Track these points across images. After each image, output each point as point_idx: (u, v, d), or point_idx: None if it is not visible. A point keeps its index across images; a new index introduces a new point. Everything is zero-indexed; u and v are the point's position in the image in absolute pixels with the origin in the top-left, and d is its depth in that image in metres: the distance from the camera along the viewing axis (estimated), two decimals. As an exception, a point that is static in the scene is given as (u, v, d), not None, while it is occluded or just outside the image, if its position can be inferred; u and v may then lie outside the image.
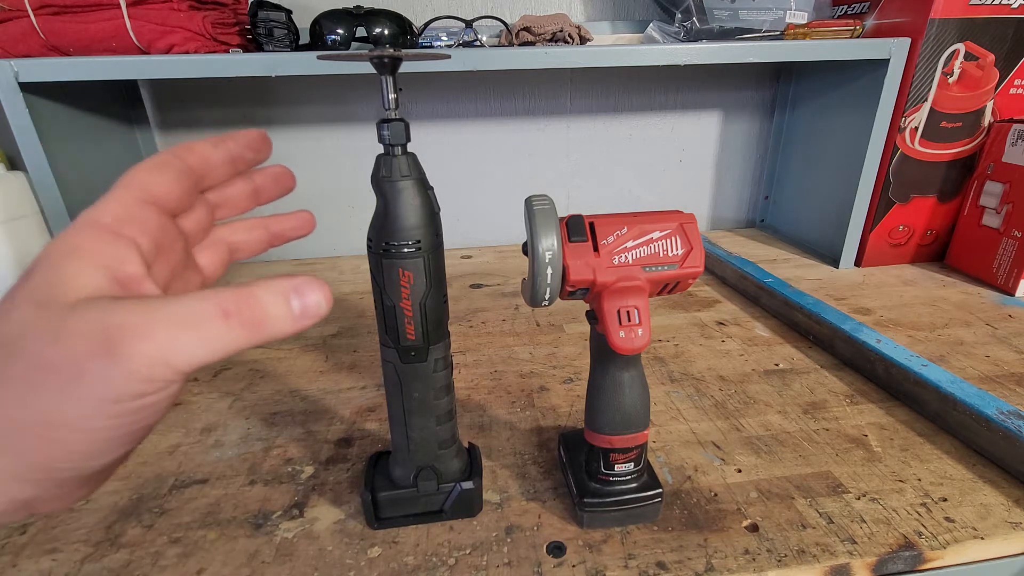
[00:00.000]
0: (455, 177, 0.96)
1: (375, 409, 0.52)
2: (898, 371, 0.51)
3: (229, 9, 0.66)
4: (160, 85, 0.84)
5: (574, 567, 0.35)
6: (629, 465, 0.37)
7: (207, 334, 0.18)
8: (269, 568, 0.35)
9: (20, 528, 0.39)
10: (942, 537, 0.37)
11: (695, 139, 0.99)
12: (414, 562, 0.36)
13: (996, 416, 0.43)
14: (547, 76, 0.91)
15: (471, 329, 0.68)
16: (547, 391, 0.54)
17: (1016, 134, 0.71)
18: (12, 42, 0.62)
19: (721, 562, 0.35)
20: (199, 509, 0.40)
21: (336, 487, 0.42)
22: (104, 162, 0.74)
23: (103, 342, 0.16)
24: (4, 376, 0.17)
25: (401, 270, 0.32)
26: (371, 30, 0.67)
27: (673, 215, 0.34)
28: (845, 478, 0.42)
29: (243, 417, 0.51)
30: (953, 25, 0.69)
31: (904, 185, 0.79)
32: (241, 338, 0.18)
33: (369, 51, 0.29)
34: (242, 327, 0.18)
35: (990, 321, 0.66)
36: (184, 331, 0.17)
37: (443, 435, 0.37)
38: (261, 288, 0.19)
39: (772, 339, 0.64)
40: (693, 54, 0.68)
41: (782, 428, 0.48)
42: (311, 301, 0.19)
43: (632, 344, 0.32)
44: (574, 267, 0.32)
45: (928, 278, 0.79)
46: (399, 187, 0.31)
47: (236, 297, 0.18)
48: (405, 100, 0.89)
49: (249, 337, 0.18)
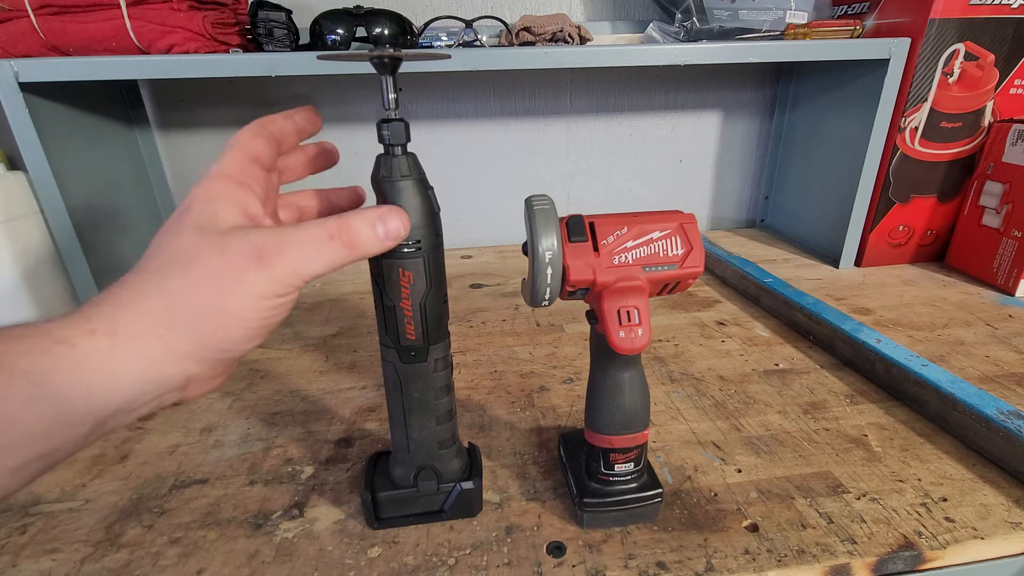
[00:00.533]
0: (455, 177, 0.96)
1: (375, 409, 0.52)
2: (898, 371, 0.51)
3: (229, 9, 0.66)
4: (160, 85, 0.84)
5: (574, 567, 0.35)
6: (629, 465, 0.37)
7: (320, 252, 0.25)
8: (269, 568, 0.35)
9: (20, 528, 0.39)
10: (942, 537, 0.37)
11: (695, 139, 0.99)
12: (414, 562, 0.36)
13: (996, 416, 0.43)
14: (547, 76, 0.91)
15: (471, 329, 0.68)
16: (547, 391, 0.54)
17: (1016, 134, 0.71)
18: (12, 42, 0.62)
19: (721, 562, 0.35)
20: (199, 509, 0.40)
21: (336, 487, 0.42)
22: (104, 162, 0.74)
23: (255, 256, 0.23)
24: (187, 280, 0.23)
25: (401, 270, 0.32)
26: (371, 30, 0.67)
27: (673, 215, 0.34)
28: (845, 478, 0.42)
29: (243, 417, 0.51)
30: (953, 25, 0.69)
31: (904, 185, 0.79)
32: (343, 255, 0.25)
33: (369, 51, 0.29)
34: (343, 247, 0.25)
35: (990, 321, 0.66)
36: (306, 249, 0.24)
37: (443, 435, 0.37)
38: (355, 217, 0.26)
39: (772, 339, 0.64)
40: (693, 54, 0.68)
41: (782, 428, 0.48)
42: (392, 226, 0.26)
43: (632, 344, 0.32)
44: (574, 267, 0.32)
45: (928, 278, 0.79)
46: (399, 187, 0.31)
47: (338, 224, 0.25)
48: (405, 100, 0.89)
49: (349, 254, 0.26)
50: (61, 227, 0.66)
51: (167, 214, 0.88)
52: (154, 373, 0.23)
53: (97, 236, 0.71)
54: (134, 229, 0.80)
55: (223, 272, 0.23)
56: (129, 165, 0.81)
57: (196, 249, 0.23)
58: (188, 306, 0.23)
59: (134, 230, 0.80)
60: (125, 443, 0.48)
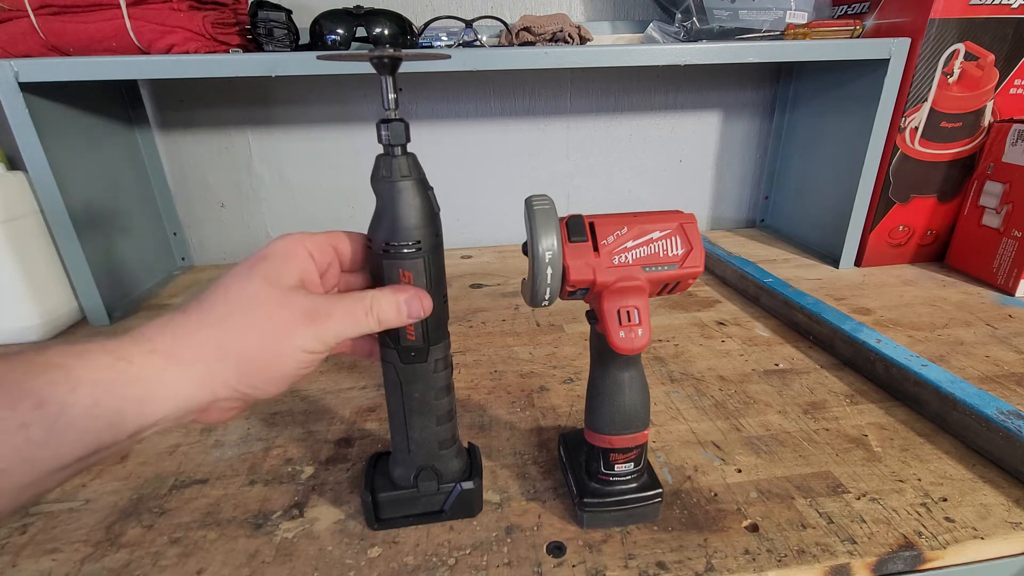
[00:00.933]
0: (455, 177, 0.96)
1: (375, 409, 0.52)
2: (898, 371, 0.51)
3: (229, 9, 0.66)
4: (160, 85, 0.84)
5: (574, 567, 0.35)
6: (629, 465, 0.37)
7: (356, 322, 0.30)
8: (269, 568, 0.35)
9: (20, 528, 0.39)
10: (942, 537, 0.37)
11: (695, 139, 0.99)
12: (414, 562, 0.36)
13: (996, 416, 0.43)
14: (547, 76, 0.91)
15: (471, 329, 0.68)
16: (547, 391, 0.54)
17: (1016, 134, 0.71)
18: (12, 42, 0.62)
19: (721, 562, 0.35)
20: (199, 509, 0.40)
21: (336, 487, 0.42)
22: (104, 162, 0.74)
23: (307, 315, 0.28)
24: (249, 321, 0.27)
25: (401, 270, 0.32)
26: (371, 30, 0.67)
27: (673, 215, 0.34)
28: (845, 478, 0.42)
29: (243, 417, 0.51)
30: (953, 25, 0.69)
31: (904, 185, 0.79)
32: (372, 326, 0.30)
33: (369, 51, 0.29)
34: (374, 320, 0.30)
35: (990, 321, 0.66)
36: (347, 319, 0.29)
37: (443, 435, 0.37)
38: (385, 299, 0.31)
39: (772, 339, 0.64)
40: (693, 54, 0.68)
41: (782, 428, 0.48)
42: (413, 309, 0.31)
43: (632, 344, 0.32)
44: (574, 267, 0.32)
45: (928, 278, 0.79)
46: (399, 187, 0.31)
47: (372, 302, 0.30)
48: (405, 100, 0.89)
49: (377, 327, 0.31)
50: (61, 227, 0.66)
51: (167, 214, 0.88)
52: (191, 394, 0.26)
53: (97, 236, 0.71)
54: (134, 229, 0.80)
55: (280, 322, 0.28)
56: (129, 165, 0.81)
57: (262, 297, 0.28)
58: (243, 342, 0.27)
59: (134, 230, 0.80)
60: (125, 443, 0.48)
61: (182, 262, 0.92)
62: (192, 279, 0.87)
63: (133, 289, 0.78)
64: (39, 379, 0.23)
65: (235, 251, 0.96)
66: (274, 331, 0.28)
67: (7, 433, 0.21)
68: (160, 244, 0.88)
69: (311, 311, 0.28)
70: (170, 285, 0.85)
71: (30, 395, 0.22)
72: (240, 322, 0.27)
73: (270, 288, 0.28)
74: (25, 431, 0.22)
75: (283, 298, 0.28)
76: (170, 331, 0.27)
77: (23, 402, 0.22)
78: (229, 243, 0.95)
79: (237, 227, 0.94)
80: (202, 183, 0.90)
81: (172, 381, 0.26)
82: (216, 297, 0.28)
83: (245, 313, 0.27)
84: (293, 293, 0.29)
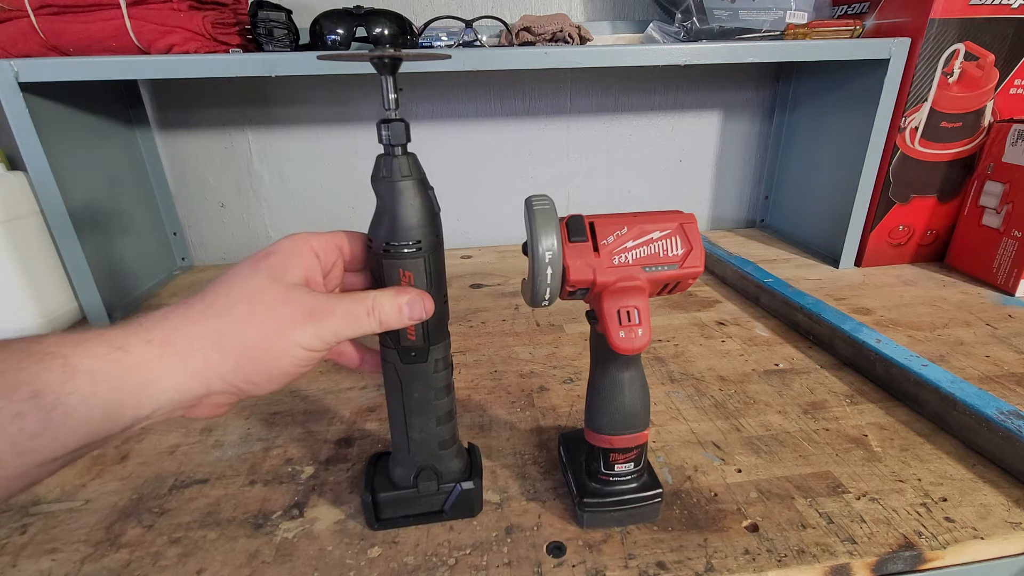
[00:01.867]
0: (455, 177, 0.96)
1: (375, 409, 0.52)
2: (898, 371, 0.51)
3: (229, 9, 0.66)
4: (160, 85, 0.84)
5: (574, 567, 0.35)
6: (629, 465, 0.37)
7: (357, 323, 0.30)
8: (269, 568, 0.35)
9: (20, 528, 0.39)
10: (942, 537, 0.37)
11: (695, 139, 0.99)
12: (414, 562, 0.36)
13: (996, 416, 0.43)
14: (547, 76, 0.91)
15: (471, 329, 0.68)
16: (547, 391, 0.54)
17: (1016, 134, 0.71)
18: (12, 42, 0.62)
19: (721, 562, 0.35)
20: (199, 509, 0.40)
21: (336, 487, 0.42)
22: (104, 162, 0.74)
23: (310, 313, 0.28)
24: (251, 313, 0.27)
25: (401, 270, 0.32)
26: (371, 30, 0.67)
27: (673, 215, 0.34)
28: (845, 478, 0.42)
29: (243, 417, 0.51)
30: (953, 25, 0.69)
31: (904, 185, 0.79)
32: (373, 327, 0.30)
33: (369, 51, 0.29)
34: (375, 321, 0.30)
35: (990, 321, 0.66)
36: (348, 319, 0.29)
37: (443, 435, 0.37)
38: (387, 301, 0.30)
39: (772, 339, 0.64)
40: (693, 54, 0.68)
41: (782, 428, 0.48)
42: (415, 312, 0.31)
43: (632, 344, 0.32)
44: (574, 267, 0.32)
45: (928, 278, 0.79)
46: (399, 187, 0.31)
47: (374, 303, 0.30)
48: (405, 100, 0.89)
49: (378, 328, 0.30)
50: (61, 227, 0.65)
51: (167, 214, 0.88)
52: (186, 386, 0.26)
53: (97, 236, 0.71)
54: (134, 229, 0.80)
55: (281, 317, 0.28)
56: (129, 165, 0.81)
57: (266, 292, 0.28)
58: (243, 335, 0.27)
59: (134, 230, 0.80)
60: (125, 443, 0.48)
61: (182, 262, 0.92)
62: (192, 279, 0.87)
63: (133, 289, 0.78)
64: (35, 368, 0.22)
65: (235, 251, 0.96)
66: (275, 326, 0.27)
67: (1, 423, 0.21)
68: (160, 244, 0.88)
69: (313, 309, 0.28)
70: (170, 285, 0.85)
71: (26, 384, 0.22)
72: (241, 315, 0.27)
73: (274, 284, 0.28)
74: (20, 421, 0.21)
75: (286, 294, 0.28)
76: (169, 322, 0.27)
77: (18, 391, 0.22)
78: (229, 243, 0.95)
79: (237, 227, 0.94)
80: (202, 183, 0.90)
81: (168, 371, 0.26)
82: (219, 290, 0.28)
83: (247, 306, 0.27)
84: (296, 290, 0.29)
